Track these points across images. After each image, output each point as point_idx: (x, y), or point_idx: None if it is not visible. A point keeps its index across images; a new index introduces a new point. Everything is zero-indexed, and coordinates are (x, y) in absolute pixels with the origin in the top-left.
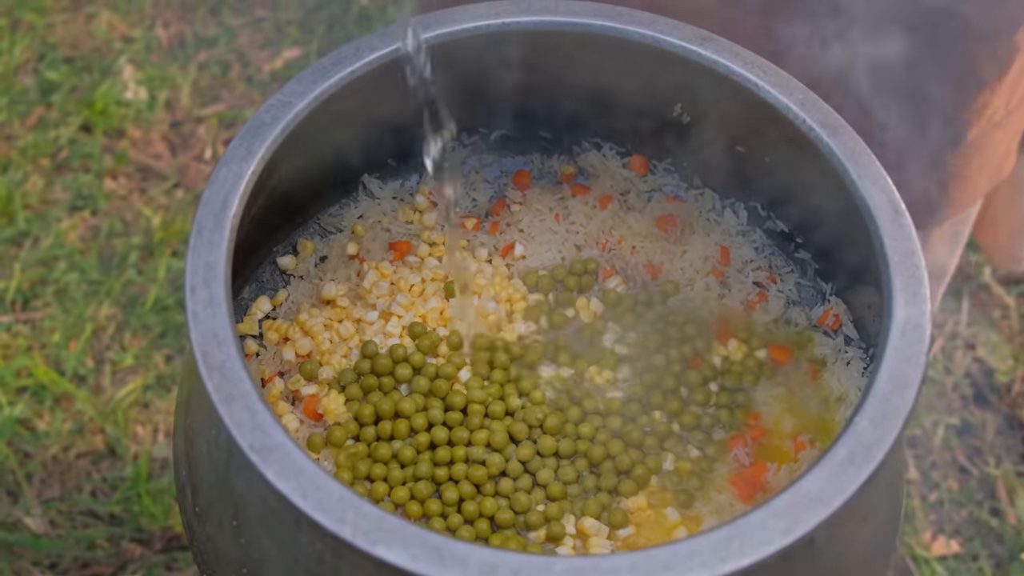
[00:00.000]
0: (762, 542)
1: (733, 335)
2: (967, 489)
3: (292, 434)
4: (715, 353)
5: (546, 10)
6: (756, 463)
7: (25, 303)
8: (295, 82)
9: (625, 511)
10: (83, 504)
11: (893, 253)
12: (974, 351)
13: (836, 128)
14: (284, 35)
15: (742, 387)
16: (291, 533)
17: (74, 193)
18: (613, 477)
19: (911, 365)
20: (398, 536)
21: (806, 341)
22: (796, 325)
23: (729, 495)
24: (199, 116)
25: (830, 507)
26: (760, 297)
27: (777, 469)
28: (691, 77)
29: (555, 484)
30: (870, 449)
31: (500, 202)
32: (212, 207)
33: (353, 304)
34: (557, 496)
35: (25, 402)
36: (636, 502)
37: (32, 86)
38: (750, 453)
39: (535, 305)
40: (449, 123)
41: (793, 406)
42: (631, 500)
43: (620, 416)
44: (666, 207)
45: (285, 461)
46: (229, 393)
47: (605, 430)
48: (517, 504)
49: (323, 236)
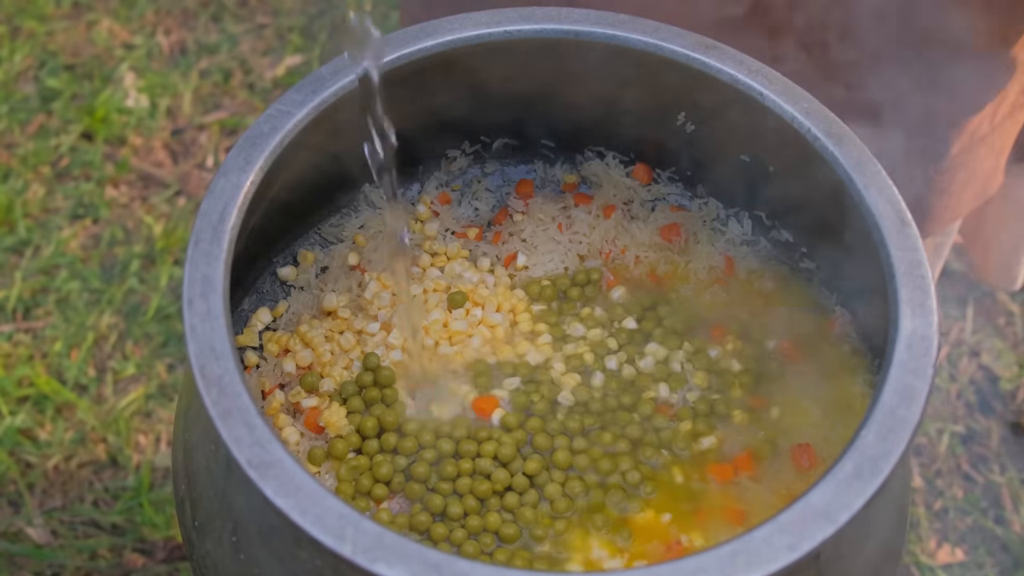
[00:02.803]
0: (768, 558)
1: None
2: (972, 497)
3: (293, 447)
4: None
5: (548, 19)
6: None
7: (26, 312)
8: (294, 92)
9: (632, 525)
10: (85, 514)
11: (899, 264)
12: (979, 358)
13: (842, 137)
14: (286, 42)
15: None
16: (291, 550)
17: (75, 201)
18: (621, 492)
19: (918, 377)
20: (398, 553)
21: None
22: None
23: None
24: (201, 124)
25: (836, 523)
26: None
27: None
28: (695, 85)
29: (562, 500)
30: (876, 463)
31: (503, 211)
32: (210, 218)
33: (354, 315)
34: (563, 511)
35: (27, 412)
36: (644, 517)
37: (33, 94)
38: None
39: (539, 315)
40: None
41: (800, 410)
42: (640, 515)
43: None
44: (670, 216)
45: (284, 477)
46: (227, 408)
47: (625, 440)
48: (522, 519)
49: (324, 246)
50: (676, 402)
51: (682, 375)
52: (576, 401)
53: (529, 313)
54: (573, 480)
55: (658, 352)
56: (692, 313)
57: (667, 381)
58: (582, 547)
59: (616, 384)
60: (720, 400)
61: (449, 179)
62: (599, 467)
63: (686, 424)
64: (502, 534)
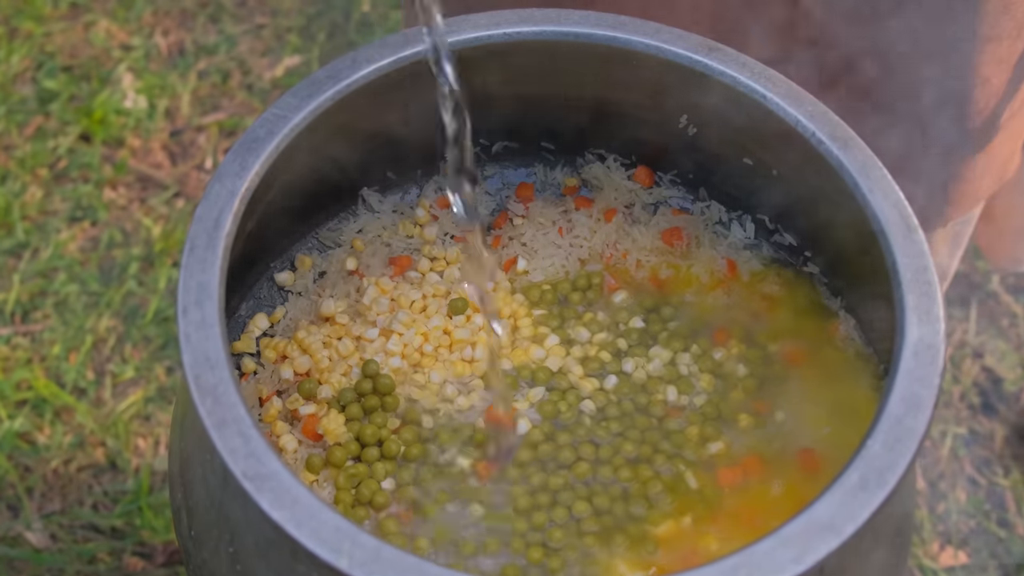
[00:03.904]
0: (771, 571)
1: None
2: (975, 500)
3: (290, 454)
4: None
5: (548, 20)
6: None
7: (24, 315)
8: (290, 95)
9: (655, 536)
10: (84, 518)
11: (905, 270)
12: (982, 360)
13: (846, 141)
14: (284, 42)
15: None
16: (287, 562)
17: (73, 203)
18: (644, 502)
19: (924, 386)
20: (396, 567)
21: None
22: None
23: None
24: (199, 125)
25: (842, 535)
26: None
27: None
28: (697, 88)
29: (590, 517)
30: (883, 474)
31: (502, 215)
32: (205, 224)
33: (353, 321)
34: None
35: (25, 415)
36: (666, 528)
37: (30, 95)
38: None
39: (540, 319)
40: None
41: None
42: (661, 527)
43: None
44: (672, 220)
45: (280, 490)
46: (222, 418)
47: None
48: (553, 539)
49: (321, 251)
50: (685, 405)
51: (688, 379)
52: (596, 408)
53: (530, 318)
54: (599, 495)
55: (663, 355)
56: (695, 317)
57: (676, 384)
58: (608, 566)
59: (628, 387)
60: (725, 404)
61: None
62: (620, 477)
63: (694, 428)
64: (530, 557)
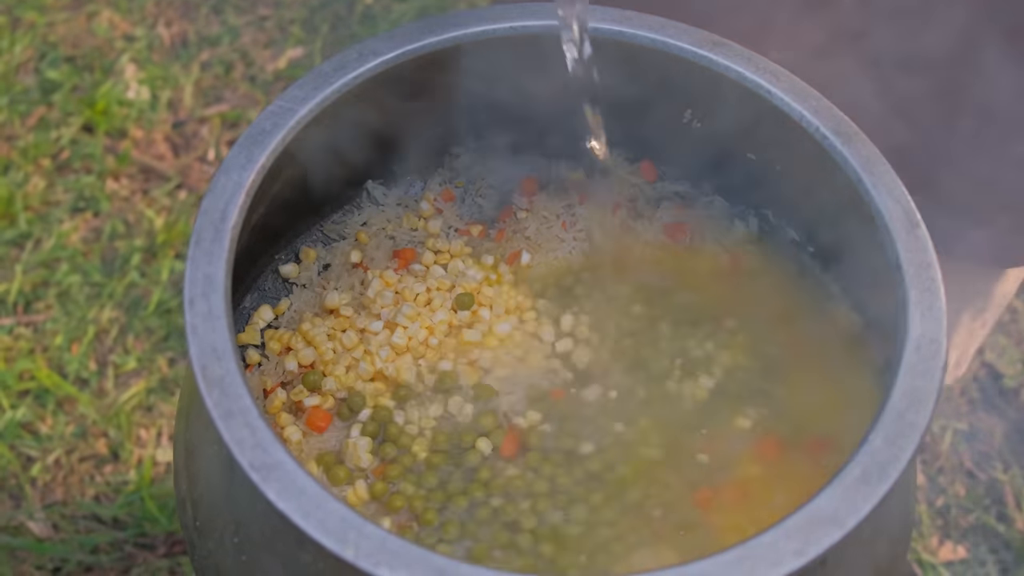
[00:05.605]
0: (773, 564)
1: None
2: (974, 494)
3: (294, 446)
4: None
5: (554, 14)
6: None
7: (27, 306)
8: (296, 87)
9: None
10: (86, 508)
11: (908, 266)
12: (982, 355)
13: (850, 136)
14: (287, 34)
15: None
16: (293, 552)
17: (76, 194)
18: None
19: (927, 381)
20: (401, 558)
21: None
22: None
23: None
24: (202, 116)
25: (844, 528)
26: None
27: None
28: (701, 83)
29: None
30: (884, 468)
31: (507, 209)
32: (211, 217)
33: (357, 313)
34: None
35: (27, 405)
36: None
37: (33, 86)
38: None
39: (543, 310)
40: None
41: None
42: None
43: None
44: (675, 214)
45: (286, 480)
46: (228, 409)
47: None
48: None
49: (326, 244)
50: (688, 395)
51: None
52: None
53: (535, 311)
54: (608, 486)
55: (667, 348)
56: (698, 311)
57: (679, 375)
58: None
59: (632, 378)
60: (724, 398)
61: (453, 176)
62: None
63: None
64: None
